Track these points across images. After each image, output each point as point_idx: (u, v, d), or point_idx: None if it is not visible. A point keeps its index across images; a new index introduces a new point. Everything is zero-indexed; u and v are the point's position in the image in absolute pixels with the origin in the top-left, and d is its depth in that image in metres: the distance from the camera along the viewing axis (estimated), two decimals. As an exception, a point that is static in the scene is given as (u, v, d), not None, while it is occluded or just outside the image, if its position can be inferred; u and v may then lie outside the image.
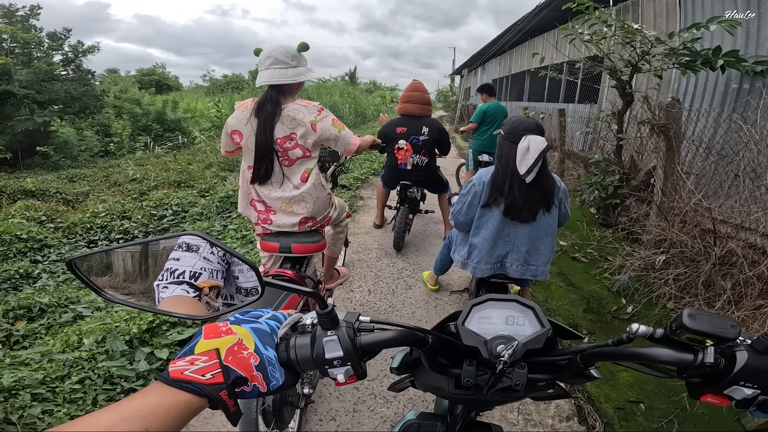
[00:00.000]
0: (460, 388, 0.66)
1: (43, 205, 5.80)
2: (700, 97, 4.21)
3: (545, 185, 1.88)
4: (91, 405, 1.85)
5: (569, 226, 4.22)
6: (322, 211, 1.90)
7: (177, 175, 7.33)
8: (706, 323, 0.48)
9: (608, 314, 2.91)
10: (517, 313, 0.63)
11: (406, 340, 0.57)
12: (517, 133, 1.83)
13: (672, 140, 3.33)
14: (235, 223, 4.45)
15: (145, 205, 5.55)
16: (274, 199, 1.82)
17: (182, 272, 0.64)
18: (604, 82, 6.51)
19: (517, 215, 1.88)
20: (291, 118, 1.73)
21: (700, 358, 0.49)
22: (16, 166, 9.20)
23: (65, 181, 7.55)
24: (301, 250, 1.77)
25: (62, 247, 4.84)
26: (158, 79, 24.42)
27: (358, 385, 2.08)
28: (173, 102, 12.56)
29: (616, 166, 4.07)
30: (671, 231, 3.16)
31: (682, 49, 3.26)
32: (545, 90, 10.22)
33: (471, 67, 21.79)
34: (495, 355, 0.57)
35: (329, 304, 0.53)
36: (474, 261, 2.01)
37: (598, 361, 0.58)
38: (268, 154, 1.74)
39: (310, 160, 1.82)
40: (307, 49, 1.80)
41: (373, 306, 2.85)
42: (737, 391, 0.48)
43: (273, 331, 0.51)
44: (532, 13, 9.17)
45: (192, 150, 10.23)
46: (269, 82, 1.71)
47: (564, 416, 1.98)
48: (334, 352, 0.51)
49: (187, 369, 0.43)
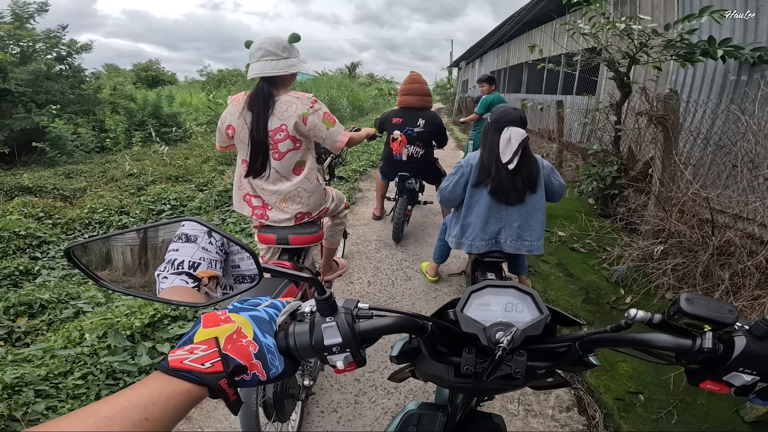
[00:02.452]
0: (459, 376, 0.66)
1: (41, 202, 5.77)
2: (698, 89, 4.21)
3: (529, 170, 2.06)
4: (94, 400, 1.86)
5: (568, 218, 4.24)
6: (318, 206, 1.89)
7: (175, 169, 7.30)
8: (703, 308, 0.48)
9: (607, 305, 2.93)
10: (516, 300, 0.63)
11: (405, 327, 0.57)
12: (502, 123, 2.03)
13: (670, 131, 3.33)
14: (234, 217, 4.45)
15: (143, 200, 5.52)
16: (269, 194, 1.80)
17: (181, 262, 0.64)
18: (602, 74, 6.50)
19: (504, 198, 2.06)
20: (283, 110, 1.71)
21: (698, 344, 0.49)
22: (13, 163, 9.15)
23: (62, 177, 7.50)
24: (298, 241, 1.78)
25: (61, 243, 4.82)
26: (155, 74, 24.27)
27: (359, 377, 2.10)
28: (169, 96, 12.48)
29: (614, 157, 4.08)
30: (669, 221, 3.17)
31: (680, 41, 3.25)
32: (543, 82, 10.19)
33: (469, 59, 21.70)
34: (494, 341, 0.57)
35: (327, 291, 0.52)
36: (469, 239, 2.16)
37: (597, 347, 0.58)
38: (263, 147, 1.72)
39: (301, 152, 1.78)
40: (299, 40, 1.77)
41: (373, 297, 2.86)
42: (736, 377, 0.48)
43: (272, 319, 0.51)
44: (530, 5, 9.11)
45: (189, 144, 10.18)
46: (260, 74, 1.68)
47: (564, 407, 2.00)
48: (333, 338, 0.50)
49: (187, 358, 0.43)
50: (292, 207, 1.81)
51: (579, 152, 5.91)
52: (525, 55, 11.64)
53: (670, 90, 3.33)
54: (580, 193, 4.65)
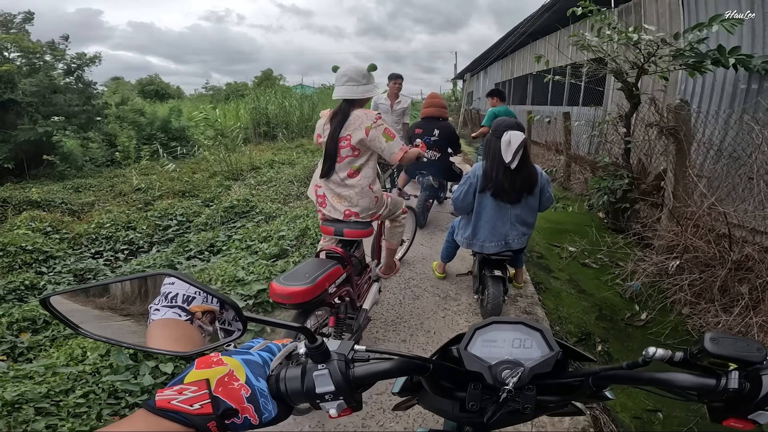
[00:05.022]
0: (465, 411, 0.63)
1: (49, 216, 5.80)
2: (708, 98, 4.15)
3: (528, 172, 2.33)
4: (95, 420, 1.81)
5: (578, 233, 4.17)
6: (367, 209, 2.16)
7: (182, 184, 7.33)
8: (730, 347, 0.46)
9: (621, 321, 2.84)
10: (524, 336, 0.60)
11: (405, 370, 0.54)
12: (501, 129, 2.28)
13: (682, 143, 3.27)
14: (240, 233, 4.42)
15: (150, 216, 5.53)
16: (328, 190, 2.18)
17: (175, 295, 0.63)
18: (609, 85, 6.47)
19: (505, 196, 2.33)
20: (352, 123, 2.05)
21: (723, 383, 0.46)
22: (22, 176, 9.23)
23: (70, 192, 7.55)
24: (351, 234, 2.15)
25: (68, 258, 4.82)
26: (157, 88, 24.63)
27: (366, 399, 2.04)
28: (177, 110, 12.60)
29: (625, 170, 4.01)
30: (684, 236, 3.10)
31: (689, 51, 3.21)
32: (548, 93, 10.17)
33: (473, 71, 21.79)
34: (500, 381, 0.55)
35: (318, 339, 0.50)
36: (480, 240, 2.46)
37: (612, 383, 0.56)
38: (332, 155, 2.09)
39: (359, 159, 2.10)
40: (375, 69, 2.19)
41: (380, 317, 2.79)
42: (762, 416, 0.45)
43: (265, 363, 0.50)
44: (535, 16, 9.15)
45: (196, 158, 10.24)
46: (343, 97, 2.07)
47: (579, 428, 1.91)
48: (325, 386, 0.48)
49: (175, 398, 0.42)
50: (342, 204, 2.14)
51: (587, 165, 5.84)
52: (530, 66, 11.66)
53: (681, 100, 3.28)
54: (590, 207, 4.57)
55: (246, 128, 13.74)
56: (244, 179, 7.80)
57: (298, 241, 3.85)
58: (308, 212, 4.76)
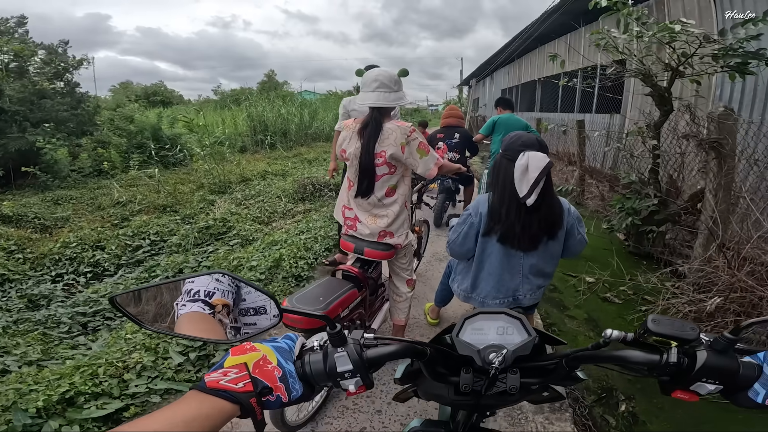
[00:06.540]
0: (459, 394, 0.70)
1: (16, 233, 5.34)
2: (749, 105, 3.59)
3: (550, 210, 1.64)
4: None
5: (596, 259, 3.61)
6: (400, 228, 2.03)
7: (164, 197, 6.85)
8: (668, 327, 0.55)
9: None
10: (507, 324, 0.68)
11: (407, 352, 0.63)
12: (515, 149, 1.62)
13: (725, 159, 2.72)
14: (211, 259, 3.90)
15: (120, 234, 5.03)
16: (362, 210, 2.02)
17: (197, 291, 0.70)
18: (627, 89, 5.90)
19: (516, 243, 1.67)
20: (384, 138, 1.86)
21: (665, 358, 0.55)
22: (8, 186, 8.83)
23: (49, 204, 7.10)
24: (371, 254, 2.03)
25: (25, 281, 4.34)
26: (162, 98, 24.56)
27: (374, 398, 2.05)
28: (171, 117, 12.18)
29: (652, 188, 3.44)
30: (730, 272, 2.54)
31: (738, 49, 2.66)
32: (558, 99, 9.62)
33: (479, 77, 21.32)
34: (488, 362, 0.62)
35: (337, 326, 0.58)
36: (481, 296, 1.84)
37: (582, 363, 0.64)
38: (370, 171, 1.89)
39: (395, 176, 1.95)
40: (407, 75, 2.09)
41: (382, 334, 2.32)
42: (701, 386, 0.54)
43: (290, 349, 0.57)
44: (541, 18, 8.63)
45: (188, 168, 9.79)
46: (375, 104, 1.85)
47: None
48: (345, 365, 0.57)
49: (222, 379, 0.49)
50: (378, 224, 1.99)
51: (605, 179, 5.27)
52: (538, 71, 11.12)
53: (725, 108, 2.73)
54: (610, 229, 4.00)
55: (244, 136, 13.29)
56: (232, 192, 7.30)
57: (269, 273, 3.32)
58: (287, 237, 4.23)
